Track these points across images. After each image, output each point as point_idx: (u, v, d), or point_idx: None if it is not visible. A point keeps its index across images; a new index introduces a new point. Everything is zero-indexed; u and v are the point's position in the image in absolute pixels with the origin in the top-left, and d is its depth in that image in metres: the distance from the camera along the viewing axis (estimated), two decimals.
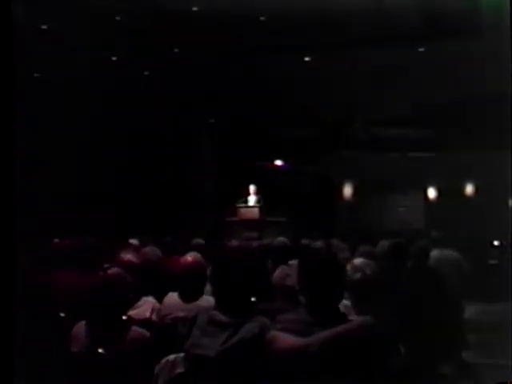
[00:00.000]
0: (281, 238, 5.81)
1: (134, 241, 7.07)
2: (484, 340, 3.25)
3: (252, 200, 11.36)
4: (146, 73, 12.07)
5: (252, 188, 11.41)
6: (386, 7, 9.40)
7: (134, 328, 3.60)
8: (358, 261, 3.99)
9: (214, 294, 3.40)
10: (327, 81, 11.78)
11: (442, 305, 3.17)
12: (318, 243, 6.03)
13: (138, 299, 4.40)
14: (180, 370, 3.25)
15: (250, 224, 10.63)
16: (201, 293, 4.33)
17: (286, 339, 2.84)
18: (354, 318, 3.03)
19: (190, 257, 4.43)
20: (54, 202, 10.60)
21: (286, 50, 10.99)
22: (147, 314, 4.37)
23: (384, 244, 5.25)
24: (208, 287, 4.21)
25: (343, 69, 11.26)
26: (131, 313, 4.08)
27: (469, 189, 15.38)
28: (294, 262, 4.13)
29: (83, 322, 3.59)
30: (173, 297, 4.44)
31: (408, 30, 10.19)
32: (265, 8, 9.61)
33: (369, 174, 14.85)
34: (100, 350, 3.36)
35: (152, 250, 5.41)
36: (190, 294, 4.31)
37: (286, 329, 2.92)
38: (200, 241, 6.51)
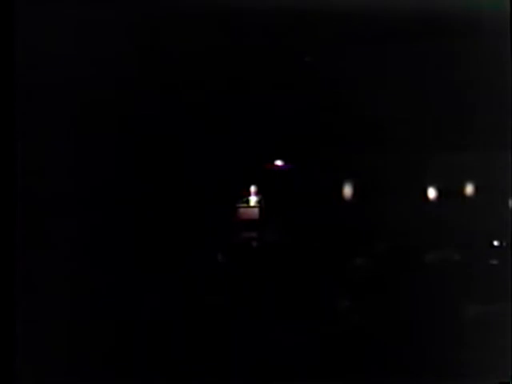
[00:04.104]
0: (279, 237, 5.79)
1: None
2: (484, 340, 3.25)
3: (253, 200, 11.35)
4: (144, 72, 12.04)
5: (253, 188, 11.41)
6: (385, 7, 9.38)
7: None
8: (358, 261, 3.99)
9: None
10: (327, 79, 11.76)
11: (442, 305, 3.18)
12: (318, 243, 6.02)
13: None
14: None
15: (250, 224, 10.62)
16: None
17: None
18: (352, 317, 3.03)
19: None
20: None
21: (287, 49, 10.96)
22: None
23: (383, 245, 5.25)
24: None
25: (343, 67, 11.23)
26: None
27: (468, 189, 15.37)
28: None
29: None
30: None
31: (407, 29, 10.17)
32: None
33: (369, 174, 14.82)
34: None
35: None
36: None
37: None
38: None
